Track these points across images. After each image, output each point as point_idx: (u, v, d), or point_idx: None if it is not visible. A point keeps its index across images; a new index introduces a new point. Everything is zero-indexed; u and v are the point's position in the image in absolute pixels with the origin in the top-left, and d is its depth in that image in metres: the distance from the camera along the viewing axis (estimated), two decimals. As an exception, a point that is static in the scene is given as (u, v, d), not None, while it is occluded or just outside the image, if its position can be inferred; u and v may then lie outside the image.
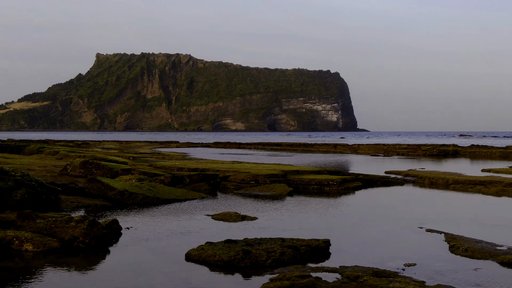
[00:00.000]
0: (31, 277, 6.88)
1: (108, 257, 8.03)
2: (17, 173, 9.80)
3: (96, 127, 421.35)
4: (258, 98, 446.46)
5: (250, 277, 6.85)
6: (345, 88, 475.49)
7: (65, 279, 6.84)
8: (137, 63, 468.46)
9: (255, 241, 8.21)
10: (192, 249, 7.89)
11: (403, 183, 18.30)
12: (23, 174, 9.87)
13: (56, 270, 7.22)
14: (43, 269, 7.25)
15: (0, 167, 9.65)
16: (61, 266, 7.44)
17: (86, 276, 7.01)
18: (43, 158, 27.93)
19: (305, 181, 16.81)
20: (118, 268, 7.37)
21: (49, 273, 7.10)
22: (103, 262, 7.77)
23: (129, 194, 13.54)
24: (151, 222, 10.79)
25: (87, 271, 7.28)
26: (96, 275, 7.03)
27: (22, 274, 7.04)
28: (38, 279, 6.82)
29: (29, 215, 8.63)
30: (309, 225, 10.51)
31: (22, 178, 9.70)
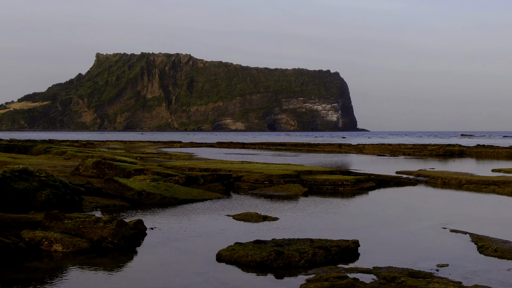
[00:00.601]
0: (64, 278, 6.88)
1: (138, 257, 8.03)
2: (42, 173, 9.81)
3: (96, 127, 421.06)
4: (258, 98, 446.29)
5: (285, 278, 6.86)
6: (345, 88, 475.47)
7: (99, 280, 6.84)
8: (137, 63, 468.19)
9: (284, 241, 8.21)
10: (223, 250, 7.89)
11: (415, 183, 18.30)
12: (47, 175, 9.87)
13: (87, 271, 7.22)
14: (74, 270, 7.24)
15: (24, 167, 9.65)
16: (92, 266, 7.44)
17: (120, 276, 7.01)
18: (51, 158, 27.94)
19: (319, 181, 16.81)
20: (151, 269, 7.37)
21: (81, 274, 7.10)
22: (134, 262, 7.77)
23: (147, 194, 13.55)
24: (173, 222, 10.80)
25: (119, 272, 7.28)
26: (130, 276, 7.03)
27: (53, 275, 7.04)
28: (71, 280, 6.82)
29: (57, 216, 8.64)
30: (332, 225, 10.52)
31: (46, 179, 9.70)
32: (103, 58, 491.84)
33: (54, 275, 7.04)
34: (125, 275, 7.08)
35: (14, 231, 8.85)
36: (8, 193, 9.44)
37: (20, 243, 8.33)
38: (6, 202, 9.50)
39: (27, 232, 8.39)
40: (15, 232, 8.83)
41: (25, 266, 7.39)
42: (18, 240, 8.43)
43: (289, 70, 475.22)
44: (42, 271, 7.20)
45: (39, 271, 7.20)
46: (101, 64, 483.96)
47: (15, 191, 9.51)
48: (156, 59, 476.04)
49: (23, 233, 8.37)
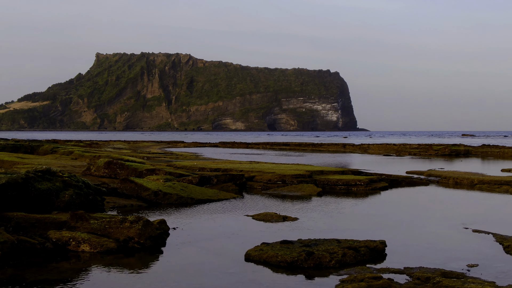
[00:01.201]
0: (95, 279, 6.87)
1: (166, 257, 8.03)
2: (65, 174, 9.80)
3: (96, 127, 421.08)
4: (258, 97, 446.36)
5: (318, 278, 6.86)
6: (345, 88, 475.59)
7: (132, 281, 6.83)
8: (137, 62, 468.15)
9: (311, 242, 8.21)
10: (251, 250, 7.90)
11: (427, 183, 18.31)
12: (70, 175, 9.87)
13: (117, 272, 7.21)
14: (104, 271, 7.24)
15: (47, 168, 9.65)
16: (121, 267, 7.44)
17: (152, 277, 7.00)
18: (59, 158, 27.93)
19: (332, 182, 16.81)
20: (181, 269, 7.37)
21: (111, 274, 7.10)
22: (163, 262, 7.77)
23: (163, 194, 13.55)
24: (194, 222, 10.80)
25: (150, 272, 7.28)
26: (162, 276, 7.02)
27: (84, 276, 7.03)
28: (102, 280, 6.82)
29: (83, 216, 8.64)
30: (353, 225, 10.53)
31: (69, 179, 9.70)
32: (103, 58, 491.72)
33: (85, 275, 7.04)
34: (157, 275, 7.08)
35: (39, 231, 8.85)
36: (31, 194, 9.45)
37: (46, 243, 8.34)
38: (29, 203, 9.51)
39: (54, 232, 8.40)
40: (40, 232, 8.84)
41: (55, 267, 7.38)
42: (44, 240, 8.44)
43: (289, 70, 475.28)
44: (72, 272, 7.19)
45: (70, 272, 7.19)
46: (101, 64, 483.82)
47: (38, 192, 9.51)
48: (156, 59, 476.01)
49: (50, 234, 8.38)
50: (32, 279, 6.78)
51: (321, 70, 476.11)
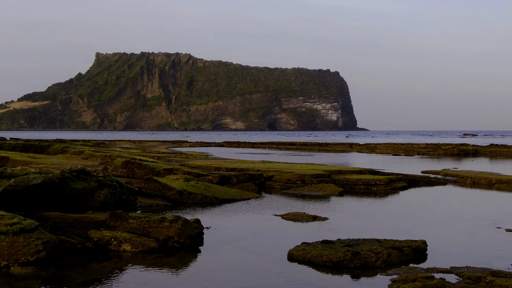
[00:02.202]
0: (143, 278, 6.87)
1: (207, 257, 8.03)
2: (99, 173, 9.81)
3: (96, 127, 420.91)
4: (258, 97, 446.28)
5: (367, 278, 6.86)
6: (344, 87, 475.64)
7: (178, 280, 6.84)
8: (137, 62, 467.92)
9: (351, 242, 8.23)
10: (293, 250, 7.91)
11: (445, 183, 18.32)
12: (105, 175, 9.88)
13: (161, 271, 7.22)
14: (149, 270, 7.25)
15: (82, 168, 9.66)
16: (164, 266, 7.44)
17: (199, 276, 7.00)
18: (69, 158, 27.93)
19: (351, 181, 16.83)
20: (226, 268, 7.38)
21: (155, 273, 7.10)
22: (206, 262, 7.78)
23: (188, 194, 13.56)
24: (226, 222, 10.82)
25: (195, 271, 7.29)
26: (208, 275, 7.03)
27: (131, 275, 7.03)
28: (147, 280, 6.82)
29: (122, 215, 8.65)
30: (386, 225, 10.54)
31: (104, 179, 9.71)
32: (103, 57, 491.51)
33: (130, 275, 7.04)
34: (204, 274, 7.08)
35: (76, 231, 8.86)
36: (67, 193, 9.46)
37: (87, 243, 8.35)
38: (64, 202, 9.52)
39: (95, 232, 8.40)
40: (78, 232, 8.85)
41: (100, 267, 7.39)
42: (84, 240, 8.45)
43: (289, 69, 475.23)
44: (117, 271, 7.19)
45: (114, 271, 7.19)
46: (101, 63, 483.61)
47: (73, 191, 9.52)
48: (156, 58, 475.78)
49: (91, 233, 8.38)
50: (81, 279, 6.79)
51: (321, 70, 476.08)
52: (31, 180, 9.31)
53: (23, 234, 7.40)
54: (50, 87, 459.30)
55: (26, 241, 7.33)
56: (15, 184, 9.27)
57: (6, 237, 7.31)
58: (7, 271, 7.08)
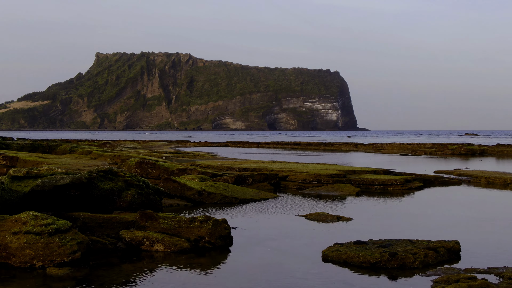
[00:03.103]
0: (176, 279, 6.83)
1: (240, 257, 7.99)
2: (126, 173, 9.77)
3: (96, 126, 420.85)
4: (258, 97, 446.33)
5: (406, 279, 6.82)
6: (345, 87, 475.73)
7: (215, 280, 6.79)
8: (137, 62, 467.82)
9: (383, 242, 8.19)
10: (327, 250, 7.87)
11: (460, 183, 18.28)
12: (132, 175, 9.84)
13: (197, 272, 7.18)
14: (182, 270, 7.20)
15: (109, 168, 9.61)
16: (198, 267, 7.40)
17: (236, 276, 6.96)
18: (78, 158, 27.88)
19: (367, 181, 16.78)
20: (262, 269, 7.33)
21: (191, 274, 7.06)
22: (240, 262, 7.73)
23: (207, 193, 13.53)
24: (251, 222, 10.78)
25: (231, 271, 7.24)
26: (245, 275, 6.98)
27: (163, 275, 6.99)
28: (184, 280, 6.78)
29: (152, 216, 8.61)
30: (413, 226, 10.51)
31: (131, 179, 9.67)
32: (103, 57, 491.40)
33: (166, 276, 6.99)
34: (240, 275, 7.04)
35: (106, 231, 8.82)
36: (95, 193, 9.42)
37: (118, 243, 8.31)
38: (92, 203, 9.48)
39: (127, 232, 8.36)
40: (108, 232, 8.81)
41: (136, 267, 7.35)
42: (115, 240, 8.41)
43: (289, 69, 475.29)
44: (152, 272, 7.14)
45: (150, 272, 7.14)
46: (101, 63, 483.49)
47: (101, 191, 9.48)
48: (156, 58, 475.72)
49: (122, 233, 8.34)
50: (119, 280, 6.74)
51: (321, 70, 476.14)
52: (58, 180, 9.26)
53: (58, 235, 7.36)
54: (50, 87, 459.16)
55: (61, 242, 7.30)
56: (42, 184, 9.23)
57: (41, 238, 7.28)
58: (43, 272, 7.04)
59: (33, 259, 7.17)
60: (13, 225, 7.46)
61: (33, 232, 7.27)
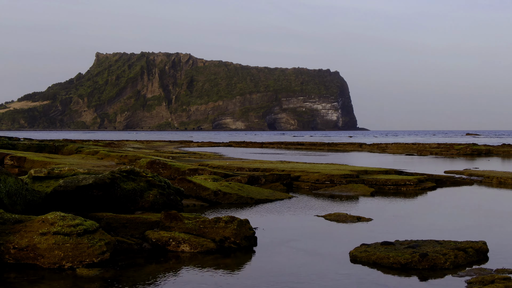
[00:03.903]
0: (210, 280, 6.78)
1: (267, 258, 7.94)
2: (148, 173, 9.73)
3: (96, 127, 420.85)
4: (258, 97, 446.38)
5: (439, 280, 6.78)
6: (345, 87, 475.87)
7: (245, 281, 6.75)
8: (137, 62, 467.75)
9: (410, 243, 8.15)
10: (355, 251, 7.83)
11: (472, 183, 18.25)
12: (153, 175, 9.80)
13: (226, 272, 7.13)
14: (210, 271, 7.16)
15: (131, 168, 9.58)
16: (226, 268, 7.36)
17: (267, 277, 6.90)
18: (85, 158, 27.83)
19: (380, 181, 16.75)
20: (291, 269, 7.28)
21: (222, 275, 7.01)
22: (268, 262, 7.68)
23: (223, 194, 13.50)
24: (270, 222, 10.73)
25: (260, 272, 7.18)
26: (276, 276, 6.93)
27: (193, 276, 6.94)
28: (216, 281, 6.74)
29: (177, 216, 8.57)
30: (432, 226, 10.47)
31: (153, 179, 9.63)
32: (103, 57, 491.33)
33: (199, 276, 6.93)
34: (271, 275, 6.98)
35: (130, 231, 8.78)
36: (117, 194, 9.38)
37: (144, 244, 8.27)
38: (114, 203, 9.44)
39: (152, 232, 8.33)
40: (132, 232, 8.77)
41: (164, 268, 7.31)
42: (140, 241, 8.38)
43: (289, 69, 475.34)
44: (182, 273, 7.10)
45: (179, 273, 7.09)
46: (101, 63, 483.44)
47: (124, 192, 9.44)
48: (156, 58, 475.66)
49: (148, 234, 8.31)
50: (151, 281, 6.70)
51: (321, 70, 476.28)
52: (81, 180, 9.22)
53: (86, 235, 7.32)
54: (50, 87, 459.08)
55: (90, 243, 7.26)
56: (65, 185, 9.19)
57: (70, 239, 7.24)
58: (72, 273, 6.99)
59: (62, 260, 7.13)
60: (41, 226, 7.42)
61: (61, 233, 7.23)
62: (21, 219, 7.56)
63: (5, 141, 30.48)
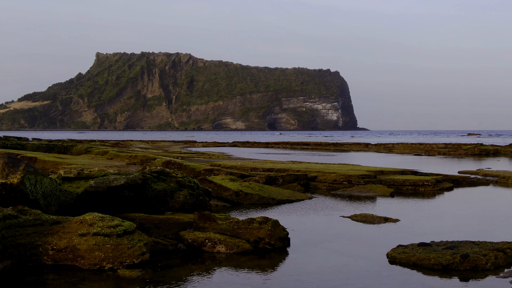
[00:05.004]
0: (253, 281, 6.75)
1: (303, 258, 7.90)
2: (178, 174, 9.70)
3: (96, 127, 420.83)
4: (258, 97, 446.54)
5: (482, 281, 6.75)
6: (345, 87, 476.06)
7: (288, 283, 6.72)
8: (137, 62, 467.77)
9: (446, 244, 8.12)
10: (393, 252, 7.79)
11: (488, 183, 18.23)
12: (183, 175, 9.77)
13: (264, 273, 7.09)
14: (248, 272, 7.13)
15: (161, 169, 9.54)
16: (264, 268, 7.32)
17: (305, 277, 6.88)
18: (95, 158, 27.79)
19: (398, 182, 16.71)
20: (330, 270, 7.24)
21: (261, 275, 6.97)
22: (305, 263, 7.64)
23: (244, 194, 13.46)
24: (297, 223, 10.69)
25: (298, 272, 7.14)
26: (315, 277, 6.89)
27: (235, 277, 6.91)
28: (258, 282, 6.71)
29: (210, 216, 8.54)
30: (461, 226, 10.44)
31: (183, 179, 9.60)
32: (103, 57, 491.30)
33: (240, 277, 6.89)
34: (311, 276, 6.94)
35: (163, 232, 8.75)
36: (148, 194, 9.35)
37: (179, 244, 8.24)
38: (145, 203, 9.41)
39: (188, 233, 8.30)
40: (164, 233, 8.74)
41: (203, 269, 7.27)
42: (175, 241, 8.34)
43: (289, 69, 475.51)
44: (223, 273, 7.07)
45: (220, 274, 7.06)
46: (101, 63, 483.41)
47: (154, 192, 9.41)
48: (156, 58, 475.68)
49: (184, 234, 8.27)
50: (195, 281, 6.67)
51: (321, 70, 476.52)
52: (112, 181, 9.19)
53: (126, 236, 7.29)
54: (51, 87, 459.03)
55: (130, 243, 7.22)
56: (96, 185, 9.16)
57: (110, 240, 7.20)
58: (113, 274, 6.96)
59: (103, 261, 7.10)
60: (79, 227, 7.39)
61: (102, 234, 7.19)
62: (58, 220, 7.52)
63: (14, 141, 30.47)
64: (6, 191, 7.45)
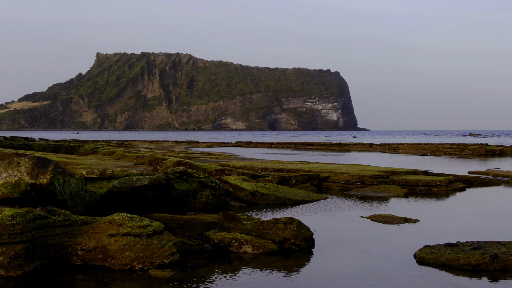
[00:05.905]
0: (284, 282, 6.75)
1: (330, 259, 7.90)
2: (200, 174, 9.70)
3: (97, 127, 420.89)
4: (259, 97, 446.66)
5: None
6: (345, 87, 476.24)
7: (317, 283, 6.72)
8: (137, 62, 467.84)
9: (473, 244, 8.12)
10: (421, 253, 7.79)
11: (499, 183, 18.24)
12: (205, 176, 9.77)
13: (292, 274, 7.09)
14: (277, 272, 7.12)
15: (184, 169, 9.55)
16: (291, 269, 7.32)
17: (335, 278, 6.87)
18: (102, 158, 27.80)
19: (411, 182, 16.71)
20: (358, 271, 7.22)
21: (289, 276, 6.97)
22: (332, 264, 7.62)
23: (260, 194, 13.46)
24: (317, 223, 10.67)
25: (328, 273, 7.13)
26: (344, 278, 6.89)
27: (265, 278, 6.91)
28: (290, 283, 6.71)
29: (235, 217, 8.54)
30: (481, 227, 10.44)
31: (205, 180, 9.60)
32: (103, 57, 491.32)
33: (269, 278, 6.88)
34: (340, 277, 6.94)
35: (188, 232, 8.76)
36: (171, 195, 9.35)
37: (205, 244, 8.24)
38: (168, 204, 9.41)
39: (214, 233, 8.30)
40: (189, 233, 8.74)
41: (232, 269, 7.27)
42: (201, 241, 8.35)
43: (289, 69, 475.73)
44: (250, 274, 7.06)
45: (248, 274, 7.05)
46: (102, 63, 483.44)
47: (177, 192, 9.41)
48: (157, 58, 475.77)
49: (210, 235, 8.27)
50: (228, 282, 6.67)
51: (322, 70, 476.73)
52: (135, 181, 9.19)
53: (155, 236, 7.29)
54: (51, 87, 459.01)
55: (160, 244, 7.22)
56: (119, 186, 9.16)
57: (140, 240, 7.20)
58: (143, 274, 6.96)
59: (133, 261, 7.09)
60: (108, 227, 7.39)
61: (132, 234, 7.19)
62: (87, 221, 7.52)
63: (21, 141, 30.46)
64: (36, 192, 7.45)
